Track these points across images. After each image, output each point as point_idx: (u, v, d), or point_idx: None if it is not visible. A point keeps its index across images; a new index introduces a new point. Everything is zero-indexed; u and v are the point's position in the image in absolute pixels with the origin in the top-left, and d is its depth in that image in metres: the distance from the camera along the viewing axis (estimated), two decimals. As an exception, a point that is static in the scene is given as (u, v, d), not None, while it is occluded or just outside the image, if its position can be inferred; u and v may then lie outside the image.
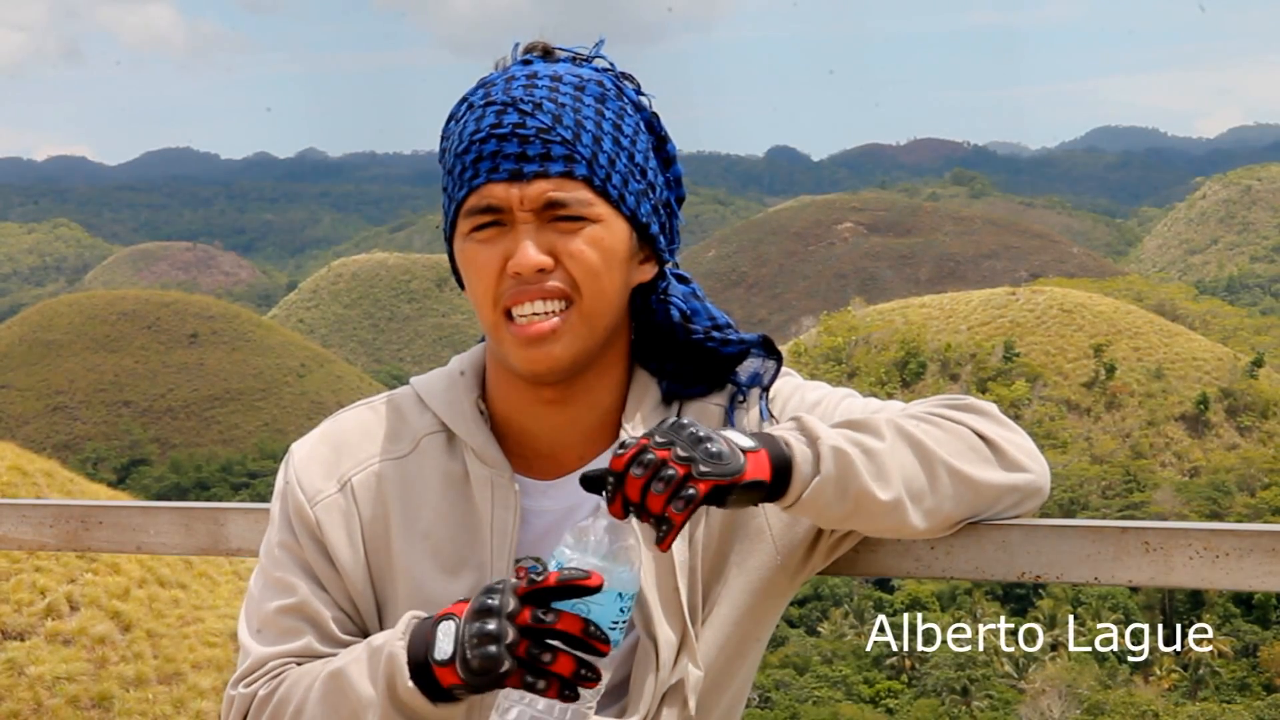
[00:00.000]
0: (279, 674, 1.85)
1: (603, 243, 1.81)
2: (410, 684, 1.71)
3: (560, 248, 1.80)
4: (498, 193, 1.79)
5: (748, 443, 1.74)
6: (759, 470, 1.72)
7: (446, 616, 1.71)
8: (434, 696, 1.72)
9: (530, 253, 1.78)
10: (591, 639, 1.65)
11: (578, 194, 1.79)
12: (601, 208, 1.81)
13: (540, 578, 1.65)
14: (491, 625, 1.65)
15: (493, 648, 1.64)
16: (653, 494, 1.66)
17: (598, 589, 1.65)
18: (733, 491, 1.70)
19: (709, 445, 1.69)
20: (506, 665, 1.64)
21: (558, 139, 1.79)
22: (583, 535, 1.70)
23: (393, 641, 1.74)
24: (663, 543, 1.68)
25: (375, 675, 1.74)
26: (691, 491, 1.66)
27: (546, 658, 1.64)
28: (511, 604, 1.65)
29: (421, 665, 1.71)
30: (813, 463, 1.76)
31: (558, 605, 1.65)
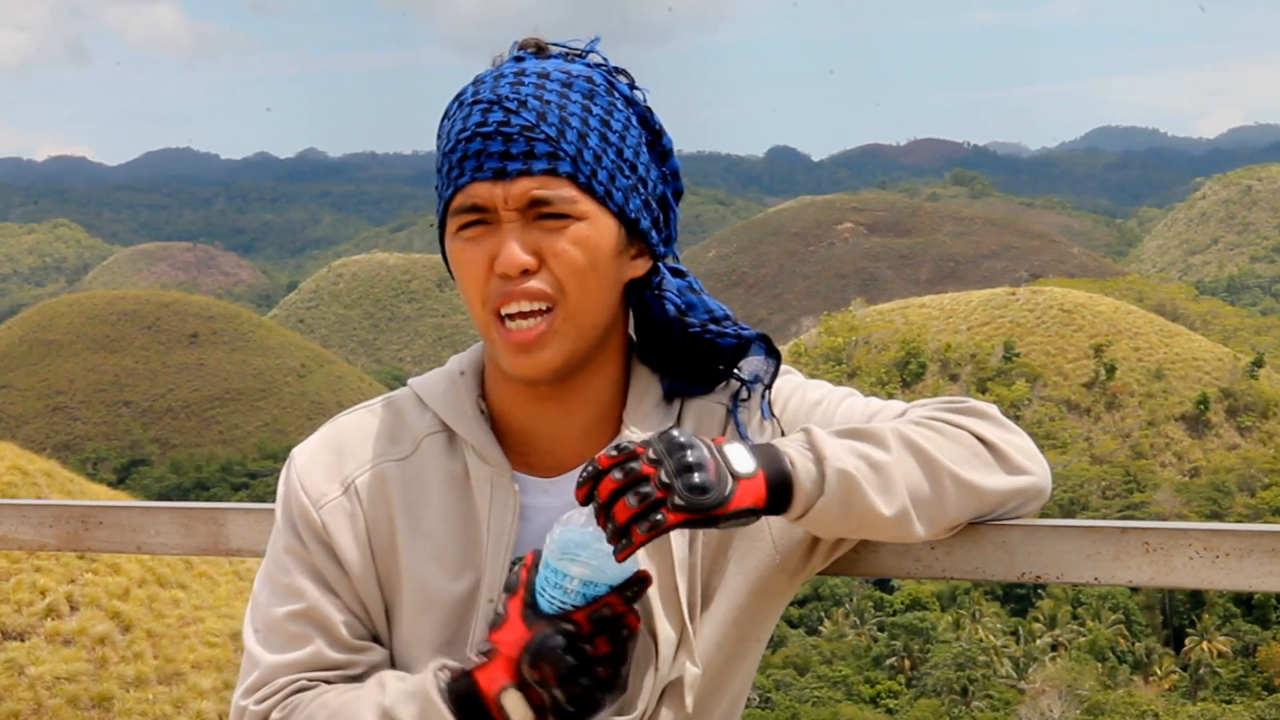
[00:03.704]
0: (292, 697, 1.85)
1: (588, 241, 1.80)
2: None
3: (545, 247, 1.79)
4: (482, 192, 1.79)
5: (747, 467, 1.72)
6: (749, 497, 1.70)
7: (505, 689, 1.72)
8: None
9: (515, 252, 1.78)
10: (630, 598, 1.73)
11: (562, 191, 1.78)
12: (587, 205, 1.80)
13: (577, 601, 1.71)
14: (586, 681, 1.69)
15: (600, 694, 1.70)
16: (623, 503, 1.66)
17: (635, 625, 1.74)
18: (717, 522, 1.70)
19: (694, 476, 1.67)
20: (612, 699, 1.72)
21: (541, 136, 1.78)
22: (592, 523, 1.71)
23: None
24: (619, 554, 1.68)
25: None
26: (659, 518, 1.65)
27: (624, 632, 1.72)
28: (588, 648, 1.70)
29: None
30: (817, 482, 1.75)
31: (603, 598, 1.71)
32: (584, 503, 1.70)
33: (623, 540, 1.67)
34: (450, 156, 1.82)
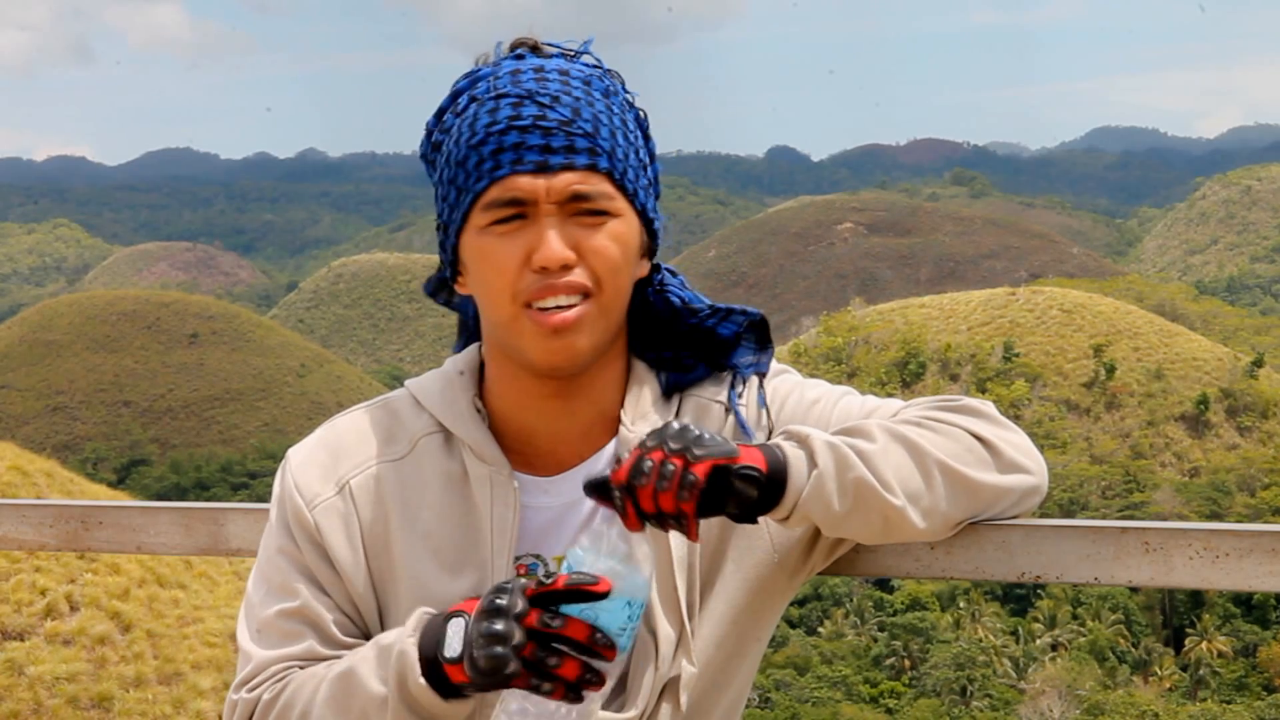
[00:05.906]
0: (282, 677, 1.85)
1: (623, 237, 1.81)
2: (421, 680, 1.71)
3: (584, 243, 1.79)
4: (523, 184, 1.77)
5: (737, 441, 1.78)
6: (752, 458, 1.73)
7: (457, 614, 1.71)
8: (444, 693, 1.72)
9: (556, 246, 1.77)
10: (598, 645, 1.66)
11: (601, 187, 1.79)
12: (620, 202, 1.81)
13: (549, 580, 1.66)
14: (499, 626, 1.65)
15: (499, 648, 1.65)
16: (662, 495, 1.67)
17: (605, 595, 1.66)
18: (730, 475, 1.71)
19: (698, 432, 1.71)
20: (513, 667, 1.64)
21: (580, 132, 1.78)
22: (597, 539, 1.70)
23: (404, 639, 1.74)
24: (690, 536, 1.71)
25: (386, 672, 1.74)
26: (692, 478, 1.68)
27: (553, 661, 1.65)
28: (520, 605, 1.66)
29: (432, 662, 1.71)
30: (807, 461, 1.76)
31: (566, 610, 1.66)
32: (639, 527, 1.70)
33: (684, 523, 1.70)
34: (480, 149, 1.79)
